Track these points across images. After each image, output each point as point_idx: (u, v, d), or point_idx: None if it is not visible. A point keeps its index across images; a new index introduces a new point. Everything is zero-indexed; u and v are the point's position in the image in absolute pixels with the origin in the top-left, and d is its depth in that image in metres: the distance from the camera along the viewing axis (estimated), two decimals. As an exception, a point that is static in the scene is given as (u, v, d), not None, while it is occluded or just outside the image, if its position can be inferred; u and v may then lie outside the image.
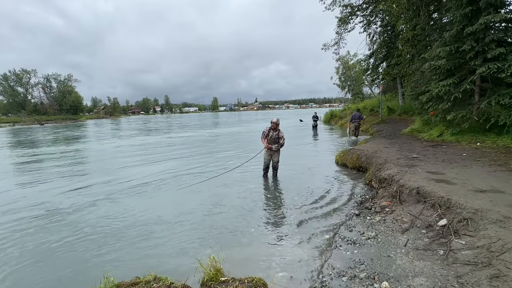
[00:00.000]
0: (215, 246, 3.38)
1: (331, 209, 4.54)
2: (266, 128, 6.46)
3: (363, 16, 18.56)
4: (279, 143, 6.39)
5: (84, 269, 3.10)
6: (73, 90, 78.86)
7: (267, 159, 6.51)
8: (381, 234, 3.44)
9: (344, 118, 23.43)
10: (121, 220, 4.40)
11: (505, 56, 7.27)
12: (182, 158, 9.91)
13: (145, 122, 48.12)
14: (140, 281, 2.48)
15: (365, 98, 33.40)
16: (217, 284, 2.42)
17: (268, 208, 4.75)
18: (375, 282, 2.51)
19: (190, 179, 6.79)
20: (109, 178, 7.21)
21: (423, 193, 3.95)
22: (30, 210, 5.01)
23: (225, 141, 15.35)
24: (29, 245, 3.71)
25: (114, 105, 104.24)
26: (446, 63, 8.27)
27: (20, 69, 73.84)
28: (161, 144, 15.03)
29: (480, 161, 5.59)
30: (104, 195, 5.75)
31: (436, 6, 12.54)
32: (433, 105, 9.07)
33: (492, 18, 7.24)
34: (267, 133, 6.40)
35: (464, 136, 8.03)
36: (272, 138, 6.37)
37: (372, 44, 20.65)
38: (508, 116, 6.97)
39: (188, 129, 27.70)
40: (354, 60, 33.92)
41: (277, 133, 6.38)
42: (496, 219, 2.93)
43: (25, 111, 67.28)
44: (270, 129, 6.40)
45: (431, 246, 2.96)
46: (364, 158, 6.87)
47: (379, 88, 19.94)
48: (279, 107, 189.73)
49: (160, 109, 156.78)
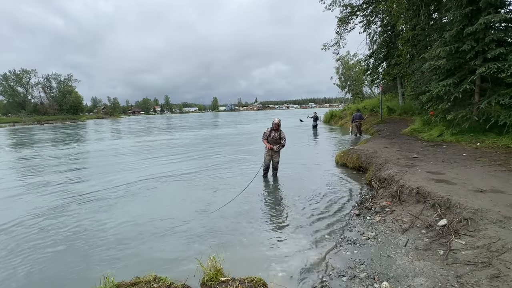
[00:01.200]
0: (215, 246, 3.38)
1: (331, 209, 4.54)
2: (267, 129, 6.44)
3: (363, 16, 18.58)
4: (281, 143, 6.36)
5: (84, 269, 3.10)
6: (73, 90, 78.93)
7: (268, 159, 6.49)
8: (381, 234, 3.44)
9: (344, 118, 23.43)
10: (121, 220, 4.39)
11: (505, 56, 7.27)
12: (182, 158, 9.91)
13: (146, 122, 48.12)
14: (140, 281, 2.48)
15: (365, 98, 33.39)
16: (217, 284, 2.42)
17: (268, 208, 4.75)
18: (375, 282, 2.51)
19: (191, 179, 6.79)
20: (109, 178, 7.21)
21: (423, 193, 3.95)
22: (30, 210, 5.01)
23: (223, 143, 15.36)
24: (29, 244, 3.70)
25: (114, 105, 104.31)
26: (446, 63, 8.27)
27: (20, 69, 74.04)
28: (162, 145, 15.05)
29: (480, 161, 5.59)
30: (104, 195, 5.75)
31: (436, 6, 12.54)
32: (433, 105, 9.08)
33: (492, 18, 7.24)
34: (269, 133, 6.37)
35: (464, 136, 8.03)
36: (273, 138, 6.34)
37: (372, 44, 20.65)
38: (508, 116, 6.97)
39: (185, 129, 27.70)
40: (354, 60, 33.96)
41: (279, 134, 6.35)
42: (496, 219, 2.93)
43: (25, 111, 67.30)
44: (271, 130, 6.37)
45: (431, 246, 2.96)
46: (364, 158, 6.87)
47: (379, 88, 19.96)
48: (279, 107, 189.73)
49: (160, 109, 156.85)
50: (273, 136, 6.34)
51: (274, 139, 6.34)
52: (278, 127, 6.32)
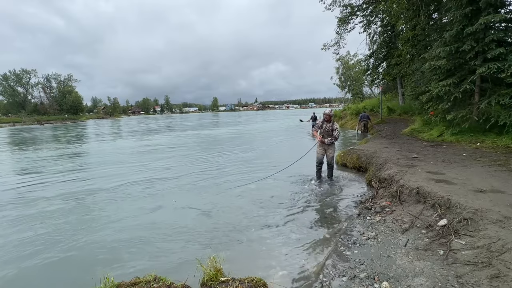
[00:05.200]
0: (215, 246, 3.38)
1: (331, 209, 4.54)
2: (320, 120, 6.17)
3: (363, 16, 18.56)
4: (333, 136, 5.96)
5: (84, 269, 3.10)
6: (73, 90, 78.98)
7: (321, 154, 6.11)
8: (381, 234, 3.43)
9: (344, 118, 23.43)
10: (121, 220, 4.40)
11: (505, 56, 7.27)
12: (184, 159, 9.90)
13: (146, 123, 48.09)
14: (140, 281, 2.48)
15: (365, 98, 33.38)
16: (217, 284, 2.42)
17: (267, 208, 4.74)
18: (375, 282, 2.51)
19: (194, 180, 6.78)
20: (110, 178, 7.21)
21: (423, 193, 3.94)
22: (30, 210, 5.01)
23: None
24: (29, 244, 3.70)
25: (114, 105, 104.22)
26: (446, 63, 8.27)
27: (20, 69, 74.13)
28: (163, 145, 15.03)
29: (480, 161, 5.59)
30: (104, 195, 5.76)
31: (436, 6, 12.53)
32: (433, 105, 9.08)
33: (492, 18, 7.23)
34: (321, 124, 6.04)
35: (464, 136, 8.02)
36: (325, 130, 5.98)
37: (372, 44, 20.67)
38: (508, 116, 6.96)
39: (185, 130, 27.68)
40: (354, 60, 33.97)
41: (331, 125, 5.96)
42: (496, 219, 2.93)
43: (25, 111, 67.34)
44: (323, 121, 6.04)
45: (431, 246, 2.95)
46: (364, 158, 6.86)
47: (379, 88, 19.95)
48: (279, 107, 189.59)
49: (160, 109, 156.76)
50: (325, 127, 5.98)
51: (326, 130, 5.98)
52: (330, 118, 5.94)
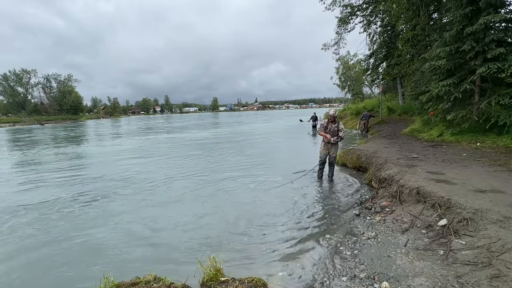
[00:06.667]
0: (215, 246, 3.38)
1: (331, 209, 4.54)
2: (324, 121, 6.25)
3: (363, 16, 18.56)
4: (339, 135, 6.04)
5: (84, 269, 3.10)
6: (73, 90, 78.96)
7: (324, 153, 6.20)
8: (381, 234, 3.44)
9: (344, 118, 23.43)
10: (121, 220, 4.40)
11: (505, 56, 7.27)
12: (184, 160, 9.91)
13: (152, 122, 48.10)
14: (140, 281, 2.48)
15: (365, 98, 33.37)
16: (217, 284, 2.42)
17: (267, 208, 4.74)
18: (375, 282, 2.51)
19: (195, 180, 6.78)
20: (110, 178, 7.21)
21: (423, 193, 3.94)
22: (29, 210, 5.01)
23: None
24: (29, 244, 3.71)
25: (114, 105, 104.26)
26: (446, 63, 8.27)
27: (20, 69, 74.08)
28: (163, 144, 15.04)
29: (480, 161, 5.59)
30: (104, 195, 5.75)
31: (436, 6, 12.53)
32: (433, 105, 9.07)
33: (492, 18, 7.23)
34: (326, 125, 6.13)
35: (464, 136, 8.02)
36: (331, 130, 6.08)
37: (372, 44, 20.65)
38: (508, 116, 6.96)
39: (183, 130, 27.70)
40: (354, 60, 33.96)
41: (336, 125, 6.07)
42: (496, 219, 2.93)
43: (25, 111, 67.34)
44: (328, 122, 6.13)
45: (431, 246, 2.95)
46: (364, 158, 6.86)
47: (379, 88, 19.96)
48: (279, 107, 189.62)
49: (160, 109, 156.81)
50: (330, 128, 6.08)
51: (331, 131, 6.07)
52: (334, 119, 6.05)
